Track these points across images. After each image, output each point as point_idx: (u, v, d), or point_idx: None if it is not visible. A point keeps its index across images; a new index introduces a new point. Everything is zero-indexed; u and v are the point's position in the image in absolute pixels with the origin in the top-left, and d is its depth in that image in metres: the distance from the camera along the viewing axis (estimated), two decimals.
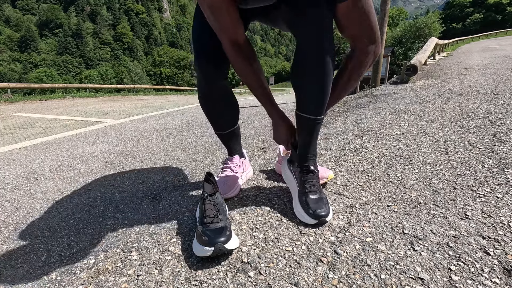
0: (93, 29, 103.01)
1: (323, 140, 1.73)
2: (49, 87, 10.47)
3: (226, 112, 1.10)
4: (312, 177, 0.94)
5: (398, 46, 21.05)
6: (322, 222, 0.85)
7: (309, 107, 0.88)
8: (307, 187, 0.92)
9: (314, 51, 0.78)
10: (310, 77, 0.83)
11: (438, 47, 8.37)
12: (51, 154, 2.01)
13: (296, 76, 0.86)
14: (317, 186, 0.94)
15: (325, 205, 0.88)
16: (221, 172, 1.15)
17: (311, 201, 0.88)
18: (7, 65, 70.59)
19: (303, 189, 0.92)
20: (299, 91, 0.88)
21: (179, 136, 2.32)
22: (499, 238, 0.73)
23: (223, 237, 0.72)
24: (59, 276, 0.73)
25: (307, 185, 0.92)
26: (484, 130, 1.58)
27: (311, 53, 0.79)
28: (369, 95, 3.19)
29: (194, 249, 0.74)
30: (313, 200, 0.89)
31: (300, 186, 0.94)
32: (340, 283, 0.64)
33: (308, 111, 0.89)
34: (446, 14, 72.48)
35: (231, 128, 1.13)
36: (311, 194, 0.90)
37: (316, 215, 0.84)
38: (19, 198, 1.26)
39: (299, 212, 0.89)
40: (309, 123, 0.91)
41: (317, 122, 0.91)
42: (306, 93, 0.87)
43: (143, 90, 13.38)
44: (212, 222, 0.78)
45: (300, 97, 0.89)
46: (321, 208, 0.86)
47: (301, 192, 0.93)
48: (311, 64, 0.80)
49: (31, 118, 3.87)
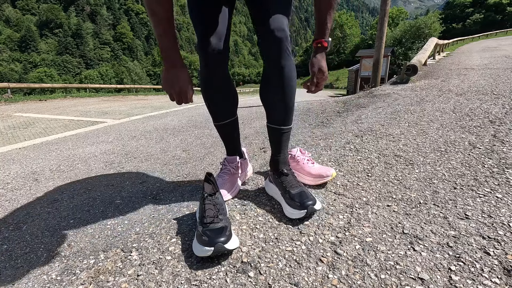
0: (93, 29, 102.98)
1: (323, 140, 1.73)
2: (49, 87, 10.47)
3: (226, 99, 1.08)
4: (288, 178, 1.00)
5: (398, 46, 21.06)
6: (311, 211, 0.87)
7: (276, 118, 1.01)
8: (286, 186, 0.97)
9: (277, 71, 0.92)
10: (275, 93, 0.97)
11: (438, 47, 8.37)
12: (51, 154, 2.01)
13: (261, 93, 1.01)
14: (295, 182, 0.99)
15: (309, 195, 0.91)
16: (219, 173, 1.13)
17: (295, 195, 0.92)
18: (7, 65, 70.54)
19: (283, 189, 0.97)
20: (265, 104, 1.02)
21: (179, 136, 2.32)
22: (499, 238, 0.73)
23: (223, 237, 0.72)
24: (59, 276, 0.73)
25: (286, 184, 0.98)
26: (484, 130, 1.58)
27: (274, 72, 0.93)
28: (369, 95, 3.19)
29: (194, 249, 0.74)
30: (296, 194, 0.93)
31: (281, 189, 0.99)
32: (340, 283, 0.64)
33: (275, 122, 1.01)
34: (446, 14, 72.49)
35: (230, 118, 1.11)
36: (291, 189, 0.95)
37: (303, 205, 0.87)
38: (19, 198, 1.26)
39: (288, 211, 0.91)
40: (277, 133, 1.02)
41: (284, 131, 1.02)
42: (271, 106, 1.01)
43: (143, 90, 13.38)
44: (212, 222, 0.78)
45: (267, 110, 1.02)
46: (307, 198, 0.90)
47: (283, 192, 0.97)
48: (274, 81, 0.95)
49: (31, 118, 3.87)
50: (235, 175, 1.13)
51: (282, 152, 1.05)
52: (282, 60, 0.90)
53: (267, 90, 1.00)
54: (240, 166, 1.17)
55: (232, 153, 1.19)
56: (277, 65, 0.91)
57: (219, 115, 1.10)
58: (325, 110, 2.73)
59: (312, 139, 1.78)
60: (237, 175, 1.14)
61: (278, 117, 1.01)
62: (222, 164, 1.17)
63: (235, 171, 1.13)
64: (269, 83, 0.98)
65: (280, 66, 0.91)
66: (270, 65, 0.94)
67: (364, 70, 14.07)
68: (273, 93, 0.98)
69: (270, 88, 0.99)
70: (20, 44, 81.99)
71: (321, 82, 0.98)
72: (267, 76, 0.97)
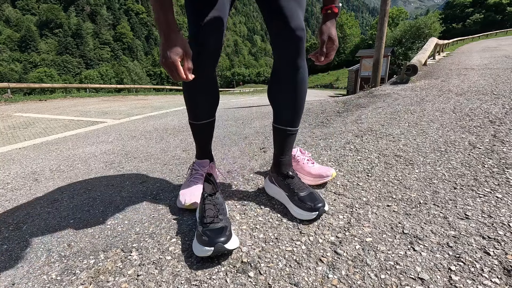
0: (93, 29, 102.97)
1: (323, 140, 1.73)
2: (49, 87, 10.47)
3: (206, 99, 1.02)
4: (294, 180, 0.98)
5: (398, 46, 21.07)
6: (321, 213, 0.87)
7: (284, 119, 0.99)
8: (294, 188, 0.95)
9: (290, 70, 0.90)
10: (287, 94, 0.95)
11: (438, 47, 8.37)
12: (51, 154, 2.01)
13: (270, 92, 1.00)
14: (302, 184, 0.98)
15: (319, 197, 0.92)
16: (190, 178, 1.06)
17: (305, 198, 0.91)
18: (7, 65, 70.53)
19: (291, 191, 0.95)
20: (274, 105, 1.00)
21: (179, 136, 2.32)
22: (499, 238, 0.73)
23: (223, 237, 0.72)
24: (59, 276, 0.73)
25: (293, 187, 0.96)
26: (484, 130, 1.58)
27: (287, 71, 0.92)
28: (369, 95, 3.19)
29: (194, 249, 0.74)
30: (305, 196, 0.91)
31: (288, 191, 0.97)
32: (340, 283, 0.64)
33: (283, 123, 0.99)
34: (446, 14, 72.52)
35: (210, 119, 1.06)
36: (300, 192, 0.93)
37: (315, 208, 0.86)
38: (19, 198, 1.26)
39: (296, 212, 0.90)
40: (283, 134, 1.00)
41: (291, 133, 1.00)
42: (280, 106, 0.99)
43: (143, 90, 13.39)
44: (212, 222, 0.78)
45: (275, 110, 1.00)
46: (317, 200, 0.89)
47: (291, 194, 0.95)
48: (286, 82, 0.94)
49: (31, 118, 3.87)
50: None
51: (287, 153, 1.02)
52: (299, 60, 0.88)
53: (279, 90, 0.97)
54: (212, 170, 1.12)
55: (203, 155, 1.13)
56: (294, 65, 0.89)
57: (200, 114, 1.04)
58: (325, 110, 2.73)
59: (312, 139, 1.78)
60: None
61: (286, 118, 0.98)
62: (191, 169, 1.10)
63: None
64: (282, 82, 0.94)
65: (296, 66, 0.89)
66: (285, 64, 0.91)
67: (364, 70, 14.08)
68: (286, 93, 0.95)
69: (282, 87, 0.95)
70: (20, 44, 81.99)
71: (330, 52, 0.89)
72: (280, 75, 0.93)
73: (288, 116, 0.98)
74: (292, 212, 0.92)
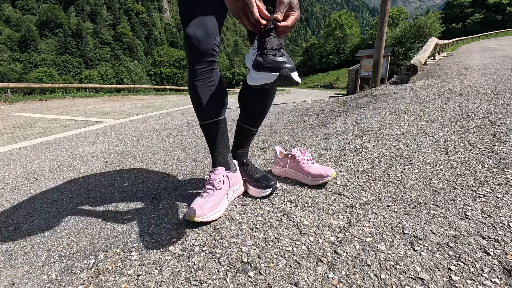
0: (93, 29, 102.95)
1: (323, 140, 1.73)
2: (49, 87, 10.47)
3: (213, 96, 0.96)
4: (249, 166, 1.14)
5: (398, 46, 21.06)
6: (274, 189, 1.05)
7: (249, 121, 1.12)
8: (249, 172, 1.11)
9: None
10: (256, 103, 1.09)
11: (438, 47, 8.37)
12: (51, 154, 2.01)
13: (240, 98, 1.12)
14: (256, 169, 1.13)
15: (271, 177, 1.08)
16: (204, 189, 0.97)
17: (260, 178, 1.07)
18: (7, 65, 70.49)
19: (247, 175, 1.10)
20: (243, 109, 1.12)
21: (179, 136, 2.32)
22: (499, 238, 0.73)
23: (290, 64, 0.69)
24: (59, 276, 0.73)
25: (249, 171, 1.11)
26: (484, 130, 1.58)
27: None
28: (369, 95, 3.19)
29: (254, 78, 0.74)
30: (260, 177, 1.07)
31: (245, 175, 1.11)
32: (340, 283, 0.64)
33: (248, 124, 1.13)
34: (446, 14, 72.49)
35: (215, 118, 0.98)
36: (255, 175, 1.09)
37: (268, 185, 1.03)
38: (19, 198, 1.26)
39: (254, 190, 1.05)
40: (247, 133, 1.14)
41: (253, 132, 1.16)
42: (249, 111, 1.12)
43: (143, 90, 13.38)
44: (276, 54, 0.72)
45: (243, 112, 1.13)
46: (269, 179, 1.06)
47: (248, 178, 1.09)
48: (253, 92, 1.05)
49: (31, 118, 3.87)
50: (218, 192, 0.94)
51: (246, 147, 1.18)
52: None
53: (247, 99, 1.09)
54: (225, 181, 0.98)
55: (217, 163, 1.03)
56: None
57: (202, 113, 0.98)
58: (325, 110, 2.73)
59: (312, 139, 1.78)
60: (221, 192, 0.95)
61: (251, 120, 1.12)
62: (206, 178, 1.00)
63: (219, 187, 0.95)
64: (251, 92, 1.05)
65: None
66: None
67: (364, 70, 14.09)
68: (254, 102, 1.08)
69: (250, 97, 1.07)
70: (20, 44, 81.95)
71: (290, 17, 0.79)
72: (249, 87, 1.01)
73: (253, 120, 1.12)
74: (251, 193, 1.06)
